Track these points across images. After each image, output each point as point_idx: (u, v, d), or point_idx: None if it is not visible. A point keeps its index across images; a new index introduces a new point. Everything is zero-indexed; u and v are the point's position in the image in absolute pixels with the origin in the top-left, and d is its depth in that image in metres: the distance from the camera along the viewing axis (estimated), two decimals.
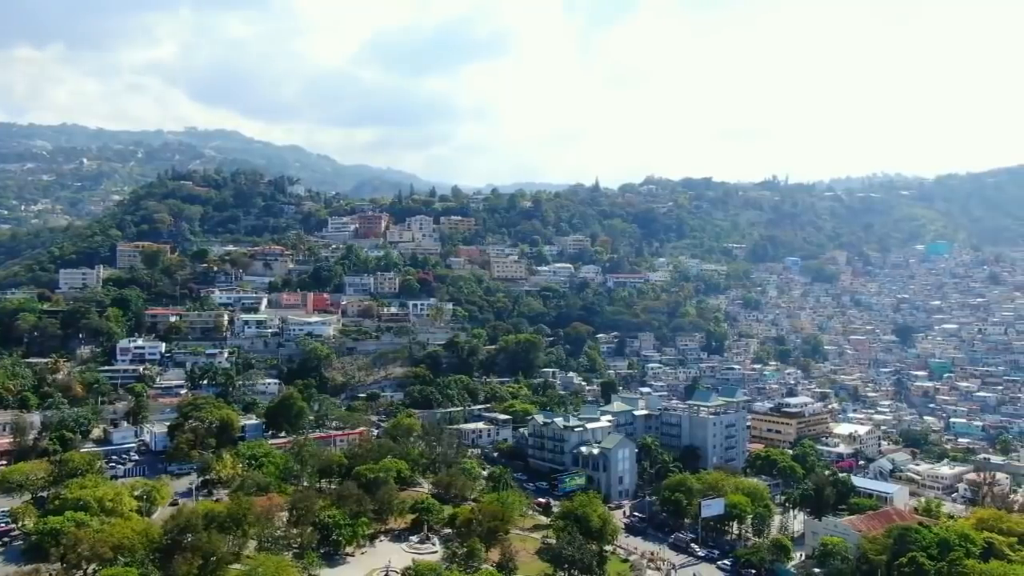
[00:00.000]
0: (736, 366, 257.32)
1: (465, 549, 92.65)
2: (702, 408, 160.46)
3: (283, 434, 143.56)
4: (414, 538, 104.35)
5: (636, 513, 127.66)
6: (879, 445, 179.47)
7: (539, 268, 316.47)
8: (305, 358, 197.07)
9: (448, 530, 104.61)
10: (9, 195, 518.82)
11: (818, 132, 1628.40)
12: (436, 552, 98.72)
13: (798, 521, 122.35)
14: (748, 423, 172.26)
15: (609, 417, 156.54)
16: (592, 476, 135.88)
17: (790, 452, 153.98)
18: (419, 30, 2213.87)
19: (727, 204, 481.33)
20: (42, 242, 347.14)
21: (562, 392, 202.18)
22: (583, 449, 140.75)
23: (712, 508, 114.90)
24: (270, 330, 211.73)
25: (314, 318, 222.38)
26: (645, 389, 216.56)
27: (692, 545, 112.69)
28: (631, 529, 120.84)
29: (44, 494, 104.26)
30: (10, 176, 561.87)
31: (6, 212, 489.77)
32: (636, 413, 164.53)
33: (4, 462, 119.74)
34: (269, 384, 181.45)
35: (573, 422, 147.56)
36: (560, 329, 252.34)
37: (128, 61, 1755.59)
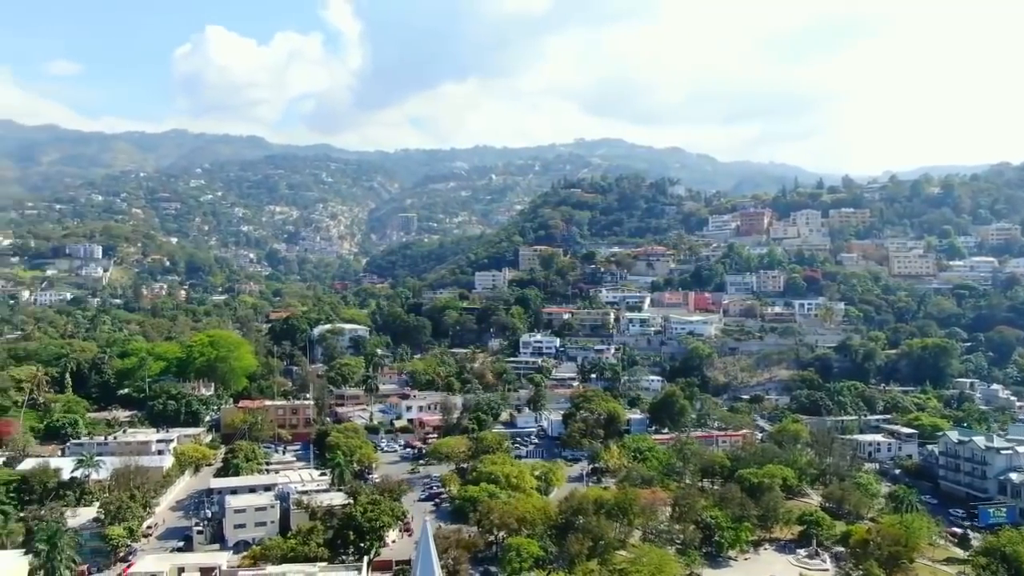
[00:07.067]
0: None
1: (861, 571, 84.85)
2: None
3: (665, 430, 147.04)
4: (802, 551, 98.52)
5: None
6: None
7: (951, 263, 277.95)
8: (687, 357, 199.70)
9: (840, 548, 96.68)
10: (437, 210, 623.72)
11: None
12: (828, 571, 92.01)
13: None
14: None
15: None
16: None
17: None
18: (795, 17, 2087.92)
19: None
20: (462, 249, 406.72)
21: (983, 407, 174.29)
22: (1013, 476, 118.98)
23: None
24: (653, 328, 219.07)
25: (695, 317, 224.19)
26: None
27: None
28: None
29: (464, 465, 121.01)
30: (438, 194, 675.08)
31: (435, 224, 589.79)
32: None
33: (435, 436, 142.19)
34: (652, 381, 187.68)
35: (999, 443, 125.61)
36: (980, 333, 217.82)
37: (528, 84, 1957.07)
